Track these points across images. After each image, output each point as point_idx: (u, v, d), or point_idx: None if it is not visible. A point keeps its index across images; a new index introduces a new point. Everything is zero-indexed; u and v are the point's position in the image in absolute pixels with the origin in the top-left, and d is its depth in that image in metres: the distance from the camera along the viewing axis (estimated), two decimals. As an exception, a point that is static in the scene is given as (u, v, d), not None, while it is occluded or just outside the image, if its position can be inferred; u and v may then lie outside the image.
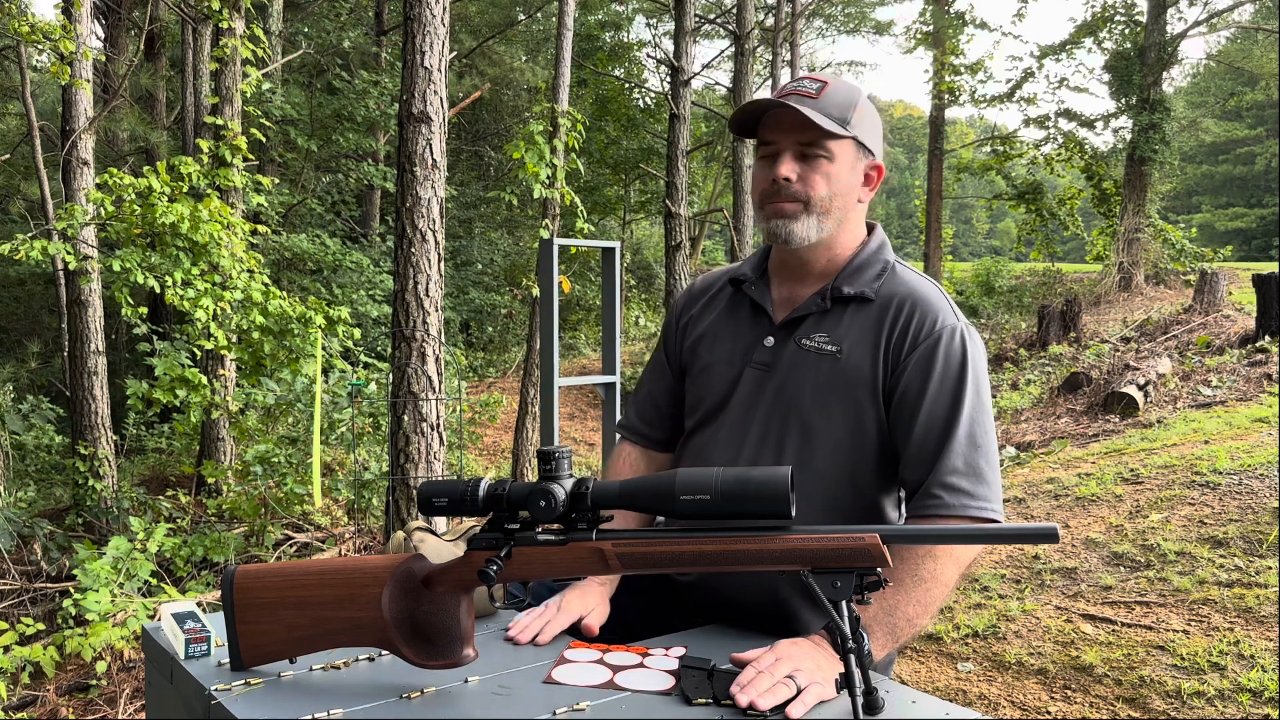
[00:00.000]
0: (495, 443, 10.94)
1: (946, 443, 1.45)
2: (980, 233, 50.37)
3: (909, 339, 1.48)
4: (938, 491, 1.44)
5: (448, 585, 1.23)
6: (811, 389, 1.51)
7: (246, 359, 6.29)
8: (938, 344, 1.47)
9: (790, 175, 1.49)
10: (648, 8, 19.06)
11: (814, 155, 1.50)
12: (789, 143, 1.50)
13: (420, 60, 4.72)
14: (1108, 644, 3.64)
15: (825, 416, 1.50)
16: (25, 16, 6.40)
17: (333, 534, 6.32)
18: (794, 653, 1.27)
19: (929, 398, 1.46)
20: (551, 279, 6.06)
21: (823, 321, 1.53)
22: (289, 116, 12.63)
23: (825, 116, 1.47)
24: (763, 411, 1.55)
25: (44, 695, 4.15)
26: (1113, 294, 14.39)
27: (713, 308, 1.69)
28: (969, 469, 1.44)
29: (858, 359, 1.50)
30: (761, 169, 1.54)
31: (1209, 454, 5.40)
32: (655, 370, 1.77)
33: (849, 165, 1.53)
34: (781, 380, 1.54)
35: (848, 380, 1.50)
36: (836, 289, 1.54)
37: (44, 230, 6.74)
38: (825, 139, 1.49)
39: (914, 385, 1.47)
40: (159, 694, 1.43)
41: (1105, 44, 16.62)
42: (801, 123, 1.47)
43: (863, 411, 1.50)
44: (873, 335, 1.50)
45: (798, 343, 1.54)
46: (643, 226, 23.25)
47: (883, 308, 1.51)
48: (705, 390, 1.63)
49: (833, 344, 1.51)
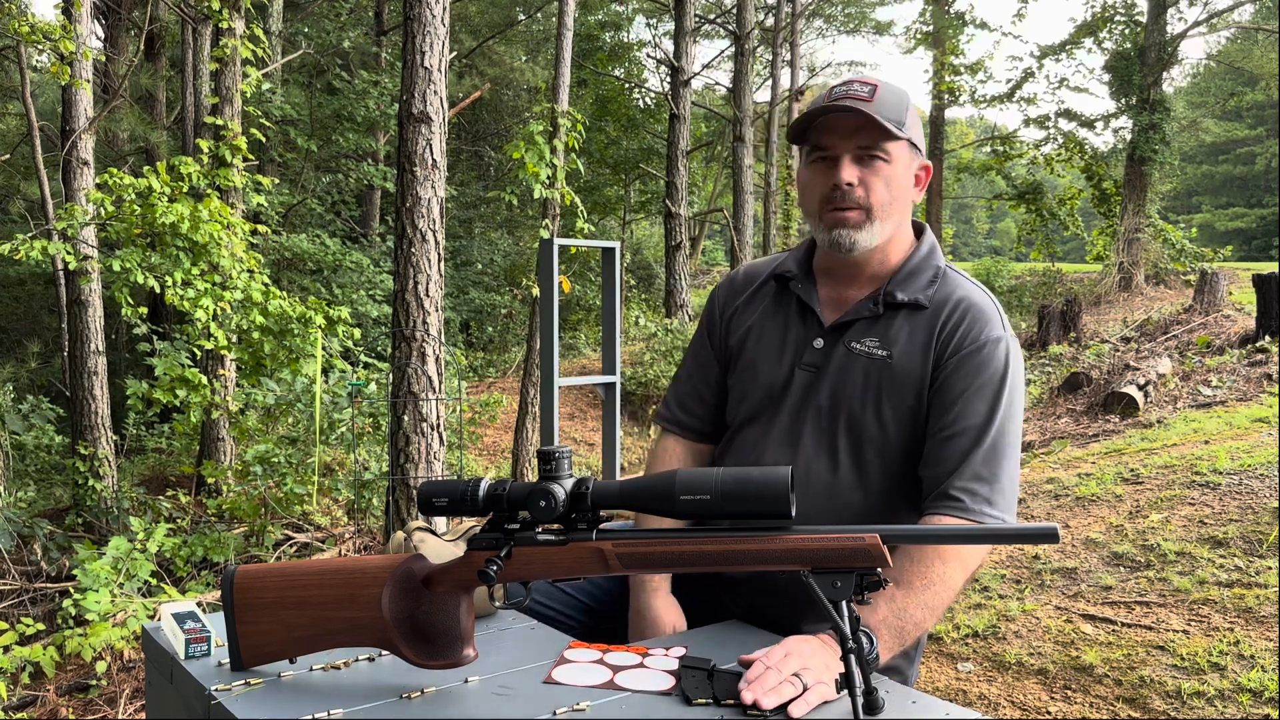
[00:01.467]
0: (495, 443, 10.94)
1: (975, 448, 1.46)
2: (980, 233, 50.36)
3: (954, 341, 1.49)
4: (958, 494, 1.45)
5: (448, 585, 1.23)
6: (863, 393, 1.52)
7: (246, 359, 6.29)
8: (982, 350, 1.48)
9: (852, 180, 1.47)
10: (648, 8, 19.06)
11: (872, 159, 1.48)
12: (847, 147, 1.47)
13: (420, 60, 4.72)
14: (1108, 644, 3.64)
15: (877, 420, 1.51)
16: (25, 16, 6.40)
17: (333, 534, 6.32)
18: (803, 650, 1.27)
19: (965, 401, 1.47)
20: (551, 279, 6.06)
21: (874, 326, 1.53)
22: (289, 116, 12.63)
23: (883, 119, 1.46)
24: (815, 413, 1.55)
25: (44, 695, 4.15)
26: (1113, 294, 14.39)
27: (757, 302, 1.67)
28: (991, 476, 1.46)
29: (908, 363, 1.50)
30: (817, 174, 1.51)
31: (1209, 454, 5.41)
32: (698, 360, 1.74)
33: (905, 167, 1.52)
34: (833, 383, 1.54)
35: (898, 384, 1.50)
36: (890, 294, 1.53)
37: (44, 230, 6.74)
38: (884, 141, 1.47)
39: (953, 386, 1.48)
40: (159, 694, 1.43)
41: (1105, 44, 16.63)
42: (859, 126, 1.45)
43: (915, 414, 1.51)
44: (924, 338, 1.51)
45: (847, 346, 1.54)
46: (643, 226, 23.26)
47: (935, 312, 1.52)
48: (752, 387, 1.62)
49: (883, 349, 1.51)
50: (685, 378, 1.77)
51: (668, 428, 1.78)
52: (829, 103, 1.47)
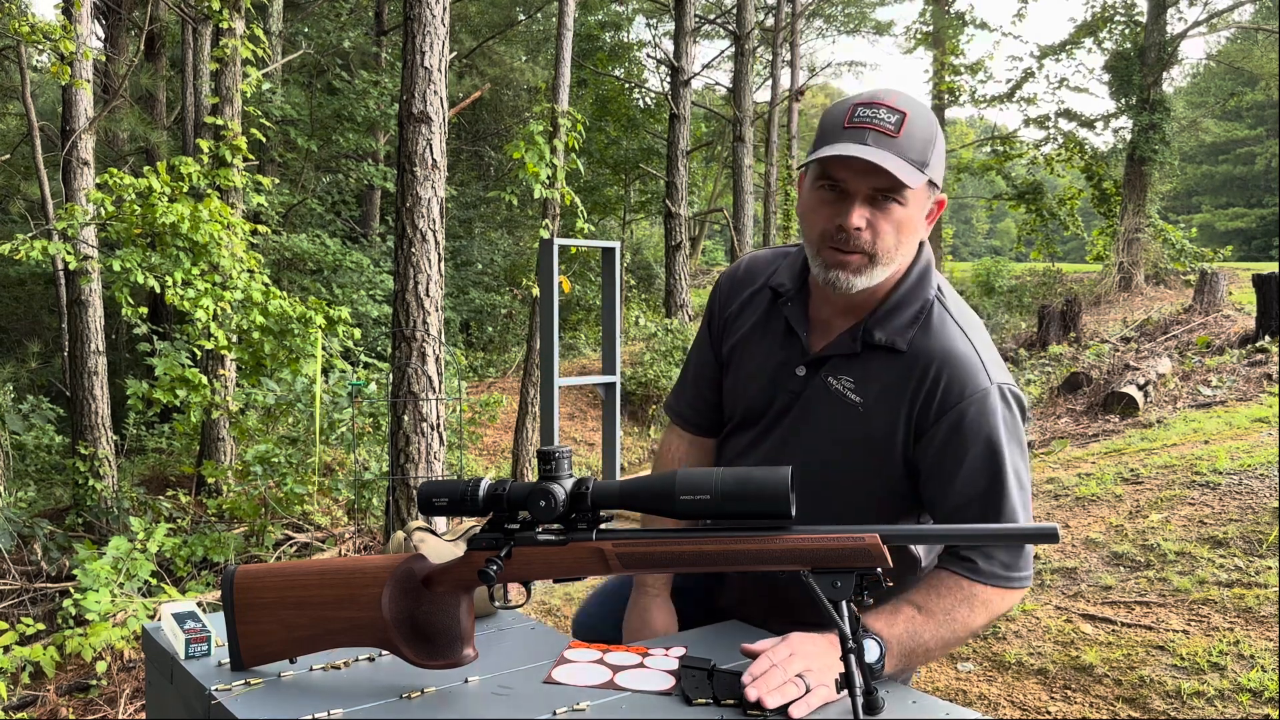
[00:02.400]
0: (495, 443, 10.94)
1: (987, 514, 1.39)
2: (980, 233, 50.36)
3: (935, 405, 1.40)
4: (974, 557, 1.39)
5: (448, 585, 1.23)
6: (832, 437, 1.47)
7: (246, 359, 6.29)
8: (968, 413, 1.39)
9: (861, 224, 1.35)
10: (648, 8, 19.06)
11: (887, 201, 1.35)
12: (861, 185, 1.34)
13: (420, 60, 4.72)
14: (1108, 644, 3.64)
15: (846, 468, 1.47)
16: (25, 16, 6.40)
17: (333, 534, 6.32)
18: (808, 650, 1.25)
19: (964, 469, 1.39)
20: (551, 279, 6.06)
21: (851, 365, 1.45)
22: (289, 116, 12.63)
23: (907, 163, 1.33)
24: (795, 438, 1.52)
25: (44, 695, 4.15)
26: (1113, 294, 14.39)
27: (751, 310, 1.61)
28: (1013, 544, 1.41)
29: (880, 420, 1.43)
30: (823, 205, 1.39)
31: (1209, 454, 5.41)
32: (700, 356, 1.72)
33: (920, 207, 1.40)
34: (809, 416, 1.49)
35: (868, 438, 1.44)
36: (869, 332, 1.44)
37: (44, 230, 6.74)
38: (902, 187, 1.34)
39: (948, 457, 1.40)
40: (159, 694, 1.43)
41: (1105, 44, 16.63)
42: (878, 167, 1.31)
43: (880, 472, 1.45)
44: (896, 395, 1.42)
45: (824, 380, 1.47)
46: (643, 226, 23.26)
47: (910, 366, 1.42)
48: (740, 398, 1.62)
49: (857, 394, 1.44)
50: (690, 370, 1.76)
51: (673, 420, 1.78)
52: (851, 129, 1.34)
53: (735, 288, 1.65)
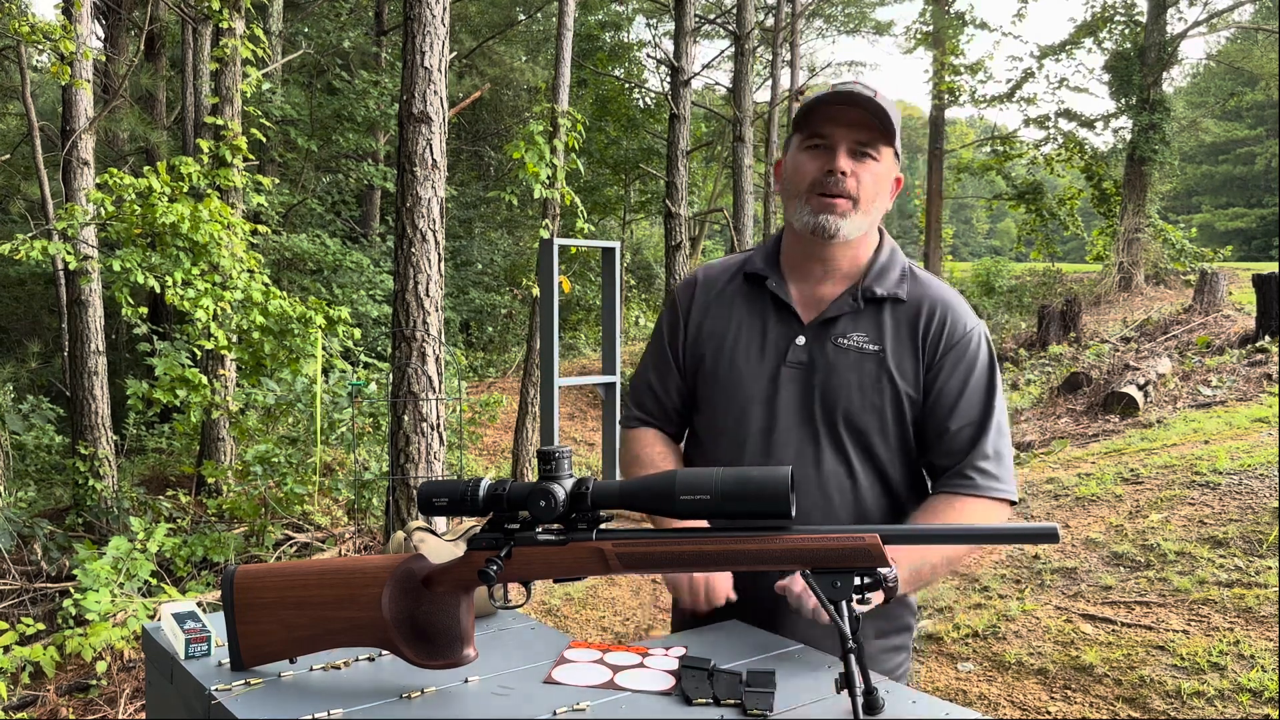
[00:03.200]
0: (495, 443, 10.94)
1: (982, 434, 1.58)
2: (980, 233, 50.38)
3: (943, 340, 1.58)
4: (971, 474, 1.57)
5: (448, 585, 1.23)
6: (858, 387, 1.57)
7: (246, 359, 6.29)
8: (969, 345, 1.59)
9: (846, 169, 1.52)
10: (648, 8, 19.06)
11: (865, 155, 1.54)
12: (845, 138, 1.52)
13: (420, 60, 4.72)
14: (1108, 644, 3.64)
15: (873, 413, 1.58)
16: (25, 16, 6.40)
17: (333, 534, 6.32)
18: None
19: (967, 395, 1.58)
20: (551, 279, 6.06)
21: (858, 321, 1.59)
22: (289, 116, 12.63)
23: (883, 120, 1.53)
24: (809, 408, 1.59)
25: (44, 695, 4.15)
26: (1113, 294, 14.39)
27: (725, 301, 1.68)
28: (996, 455, 1.59)
29: (900, 360, 1.58)
30: (810, 159, 1.55)
31: (1209, 454, 5.41)
32: (659, 364, 1.76)
33: (889, 170, 1.58)
34: (825, 379, 1.58)
35: (892, 380, 1.57)
36: (869, 289, 1.59)
37: (44, 230, 6.74)
38: (879, 141, 1.53)
39: (953, 383, 1.58)
40: (159, 694, 1.43)
41: (1105, 44, 16.64)
42: (860, 121, 1.51)
43: (903, 408, 1.59)
44: (910, 336, 1.58)
45: (834, 342, 1.58)
46: (643, 226, 23.25)
47: (915, 310, 1.59)
48: (734, 387, 1.63)
49: (874, 343, 1.58)
50: (646, 379, 1.78)
51: (644, 422, 1.78)
52: (834, 93, 1.53)
53: (698, 293, 1.72)
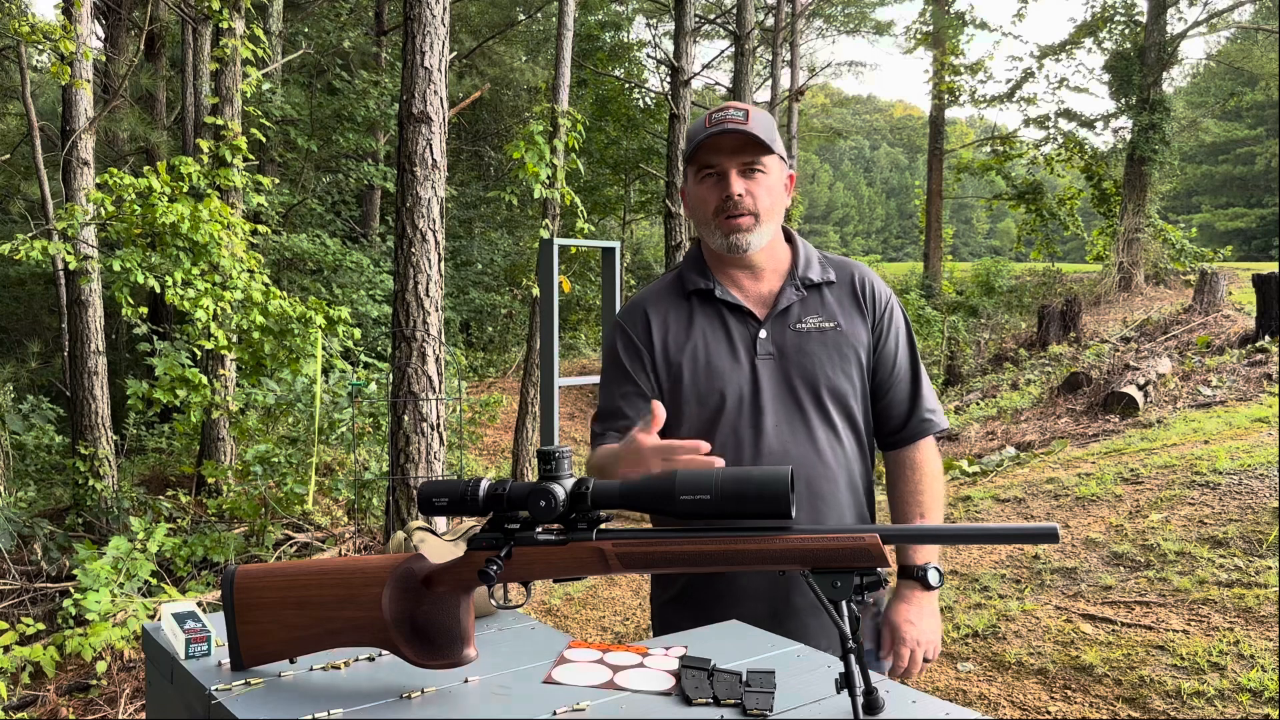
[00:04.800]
0: (495, 443, 10.94)
1: (918, 381, 1.83)
2: (980, 233, 50.39)
3: (879, 303, 1.81)
4: (927, 417, 1.83)
5: (448, 585, 1.23)
6: (827, 360, 1.75)
7: (246, 359, 6.29)
8: (894, 305, 1.84)
9: (741, 191, 1.70)
10: (648, 8, 19.06)
11: (753, 171, 1.71)
12: (733, 163, 1.70)
13: (420, 60, 4.72)
14: (1108, 644, 3.64)
15: (847, 379, 1.77)
16: (25, 16, 6.40)
17: (333, 534, 6.32)
18: (922, 636, 1.73)
19: (902, 349, 1.83)
20: (551, 279, 6.06)
21: (807, 306, 1.77)
22: (289, 116, 12.63)
23: (760, 136, 1.69)
24: (791, 390, 1.74)
25: (44, 695, 4.15)
26: (1113, 294, 14.39)
27: (682, 320, 1.79)
28: (931, 394, 1.86)
29: (853, 329, 1.78)
30: (708, 189, 1.73)
31: (1209, 454, 5.41)
32: (626, 391, 1.78)
33: (778, 176, 1.75)
34: (797, 361, 1.75)
35: (852, 346, 1.77)
36: (805, 278, 1.78)
37: (44, 230, 6.74)
38: (762, 156, 1.71)
39: (891, 340, 1.81)
40: (159, 694, 1.43)
41: (1105, 44, 16.64)
42: (741, 145, 1.69)
43: (863, 369, 1.79)
44: (854, 308, 1.80)
45: (793, 328, 1.76)
46: (643, 226, 23.26)
47: (847, 284, 1.81)
48: (717, 389, 1.74)
49: (829, 321, 1.77)
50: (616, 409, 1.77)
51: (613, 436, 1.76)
52: (712, 128, 1.69)
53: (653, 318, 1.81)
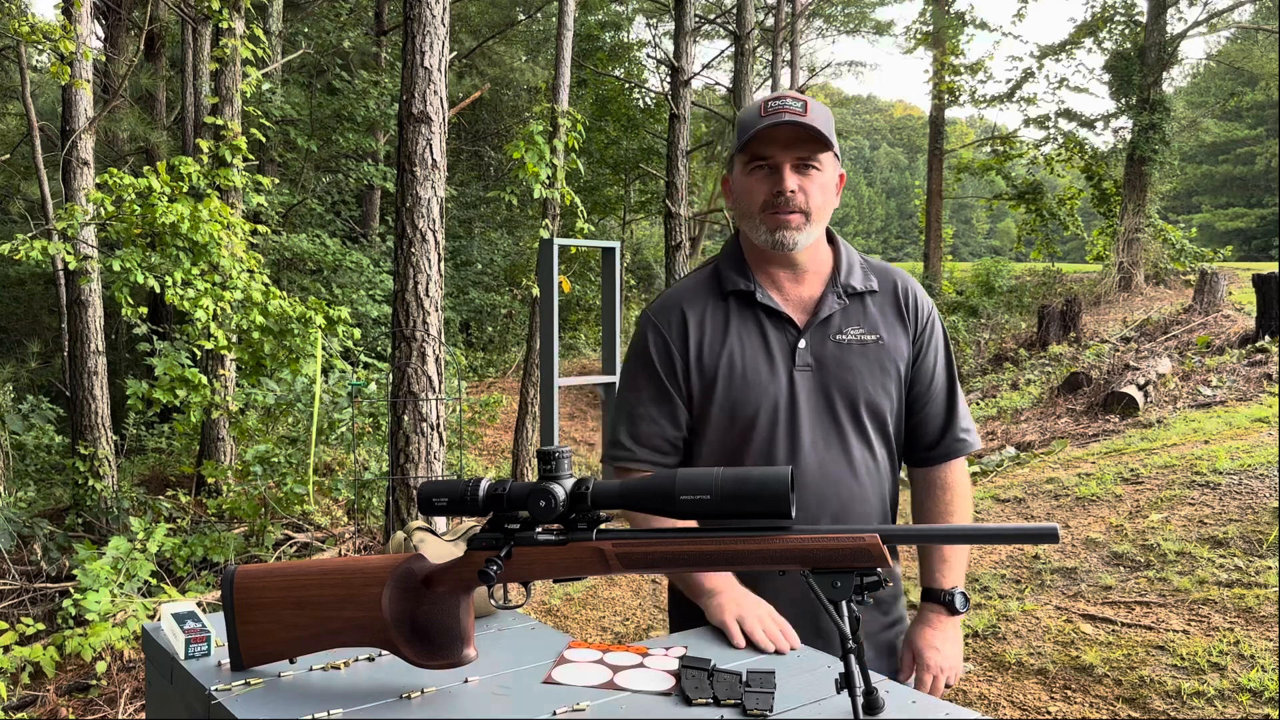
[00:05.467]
0: (495, 443, 10.94)
1: (954, 398, 1.77)
2: (980, 233, 50.37)
3: (921, 315, 1.74)
4: (962, 436, 1.76)
5: (448, 585, 1.23)
6: (868, 375, 1.68)
7: (246, 359, 6.29)
8: (935, 318, 1.77)
9: (794, 187, 1.61)
10: (648, 8, 19.07)
11: (808, 168, 1.62)
12: (787, 157, 1.61)
13: (420, 60, 4.72)
14: (1108, 644, 3.64)
15: (885, 395, 1.70)
16: (25, 16, 6.40)
17: (333, 534, 6.32)
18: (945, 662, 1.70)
19: (940, 364, 1.76)
20: (551, 279, 6.06)
21: (849, 316, 1.69)
22: (289, 116, 12.63)
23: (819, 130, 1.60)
24: (830, 404, 1.68)
25: (44, 695, 4.15)
26: (1113, 294, 14.38)
27: (718, 321, 1.69)
28: (966, 413, 1.79)
29: (896, 342, 1.71)
30: (758, 181, 1.64)
31: (1209, 454, 5.41)
32: (658, 396, 1.70)
33: (832, 174, 1.67)
34: (837, 374, 1.68)
35: (894, 361, 1.70)
36: (848, 285, 1.70)
37: (44, 230, 6.74)
38: (818, 151, 1.62)
39: (932, 355, 1.75)
40: (159, 694, 1.43)
41: (1105, 44, 16.63)
42: (798, 138, 1.59)
43: (901, 384, 1.73)
44: (897, 319, 1.72)
45: (834, 339, 1.68)
46: (643, 226, 23.25)
47: (890, 294, 1.73)
48: (752, 400, 1.66)
49: (871, 334, 1.69)
50: (642, 416, 1.71)
51: (638, 468, 1.71)
52: (768, 117, 1.59)
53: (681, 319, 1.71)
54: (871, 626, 1.74)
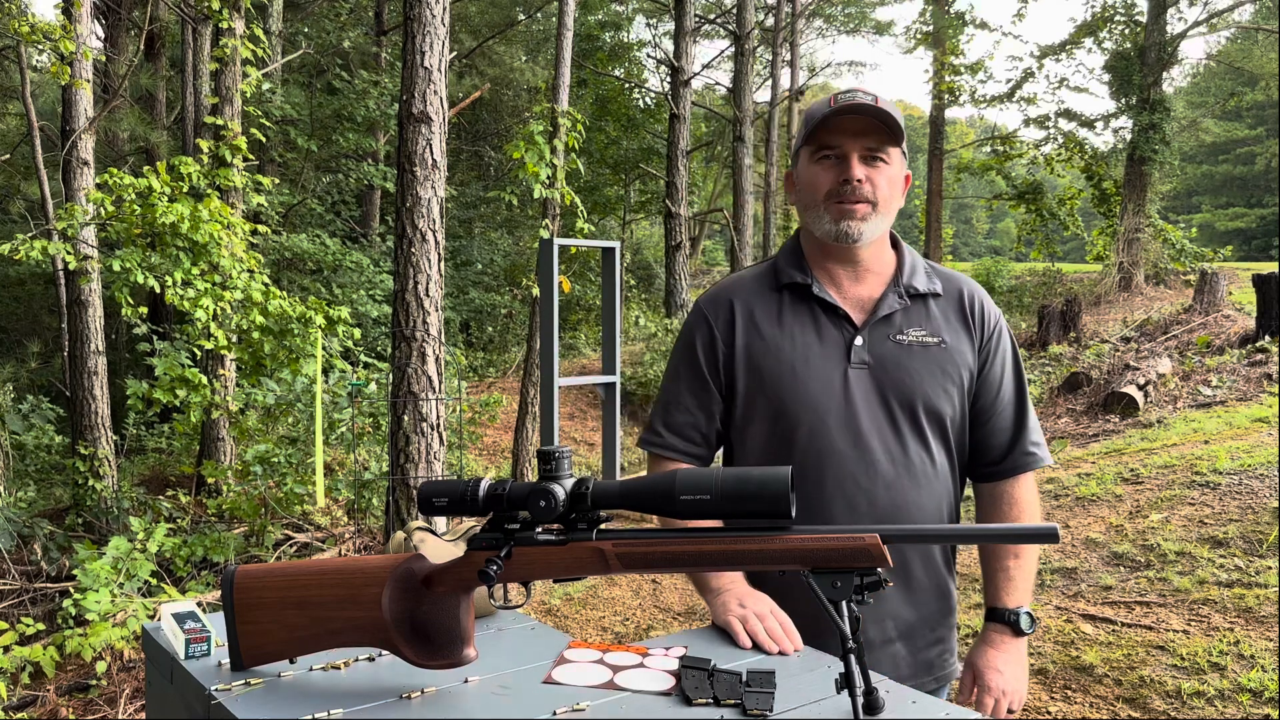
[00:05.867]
0: (495, 443, 10.93)
1: (1023, 411, 1.71)
2: (980, 233, 50.36)
3: (988, 324, 1.69)
4: (1031, 450, 1.70)
5: (448, 585, 1.23)
6: (929, 377, 1.63)
7: (246, 359, 6.29)
8: (1003, 328, 1.72)
9: (862, 176, 1.57)
10: (648, 8, 19.07)
11: (876, 159, 1.59)
12: (855, 147, 1.58)
13: (420, 60, 4.72)
14: (1108, 644, 3.64)
15: (947, 399, 1.65)
16: (25, 16, 6.40)
17: (333, 534, 6.32)
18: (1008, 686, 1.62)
19: (1009, 376, 1.71)
20: (551, 279, 6.06)
21: (911, 317, 1.65)
22: (289, 116, 12.63)
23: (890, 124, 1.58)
24: (886, 404, 1.62)
25: (44, 695, 4.15)
26: (1113, 294, 14.38)
27: (771, 314, 1.67)
28: (1036, 427, 1.73)
29: (959, 346, 1.66)
30: (824, 170, 1.60)
31: (1209, 454, 5.41)
32: (696, 387, 1.70)
33: (899, 170, 1.63)
34: (894, 374, 1.62)
35: (957, 367, 1.65)
36: (911, 286, 1.66)
37: (44, 230, 6.74)
38: (888, 143, 1.58)
39: (999, 365, 1.70)
40: (159, 694, 1.43)
41: (1105, 44, 16.62)
42: (868, 129, 1.57)
43: (963, 390, 1.67)
44: (962, 325, 1.67)
45: (893, 339, 1.63)
46: (643, 226, 23.27)
47: (955, 299, 1.69)
48: (804, 396, 1.62)
49: (933, 336, 1.65)
50: (677, 405, 1.72)
51: (668, 455, 1.72)
52: (837, 104, 1.56)
53: (739, 310, 1.69)
54: (919, 643, 1.68)
